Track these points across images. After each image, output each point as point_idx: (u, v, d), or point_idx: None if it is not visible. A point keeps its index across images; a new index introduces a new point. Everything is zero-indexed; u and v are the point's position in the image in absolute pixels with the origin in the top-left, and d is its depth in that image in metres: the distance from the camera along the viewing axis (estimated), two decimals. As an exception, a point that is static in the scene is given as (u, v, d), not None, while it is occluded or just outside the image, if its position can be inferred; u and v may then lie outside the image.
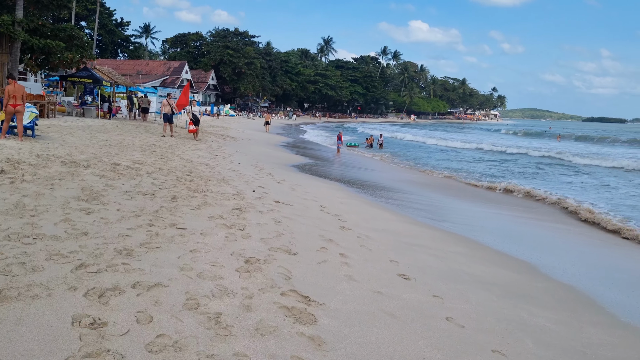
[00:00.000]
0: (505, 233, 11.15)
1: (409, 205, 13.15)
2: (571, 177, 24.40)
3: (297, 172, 18.00)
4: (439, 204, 14.39)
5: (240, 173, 13.58)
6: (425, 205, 13.79)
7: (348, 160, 27.13)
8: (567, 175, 25.08)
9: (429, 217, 11.73)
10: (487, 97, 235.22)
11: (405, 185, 18.12)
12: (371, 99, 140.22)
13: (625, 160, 32.79)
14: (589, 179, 23.78)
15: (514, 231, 11.60)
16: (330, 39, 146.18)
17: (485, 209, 14.16)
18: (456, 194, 17.15)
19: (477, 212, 13.65)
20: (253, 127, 51.06)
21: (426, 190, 17.30)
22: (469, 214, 13.18)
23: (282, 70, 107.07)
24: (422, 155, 34.22)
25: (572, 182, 22.47)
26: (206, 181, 10.60)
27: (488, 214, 13.57)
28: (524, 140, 67.85)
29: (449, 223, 11.29)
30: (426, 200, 14.67)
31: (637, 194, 18.74)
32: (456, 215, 12.68)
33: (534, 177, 24.00)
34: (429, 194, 16.37)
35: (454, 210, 13.72)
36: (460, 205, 14.59)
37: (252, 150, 24.81)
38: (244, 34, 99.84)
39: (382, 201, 13.40)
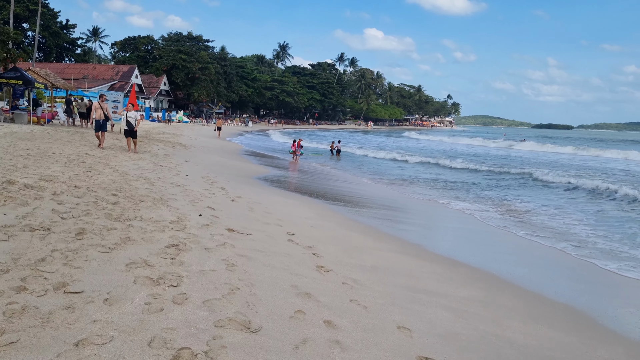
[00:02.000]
0: (519, 257, 9.12)
1: (390, 223, 11.01)
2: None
3: (255, 185, 15.63)
4: (419, 219, 12.31)
5: (186, 189, 11.12)
6: (406, 220, 11.69)
7: (309, 169, 24.90)
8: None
9: (417, 237, 9.60)
10: (442, 104, 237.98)
11: (379, 197, 16.01)
12: (328, 106, 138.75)
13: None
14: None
15: (526, 253, 9.59)
16: (286, 44, 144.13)
17: (476, 221, 12.17)
18: (433, 206, 15.16)
19: (466, 224, 11.63)
20: (207, 134, 48.18)
21: (403, 201, 15.25)
22: (458, 228, 11.14)
23: (238, 75, 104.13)
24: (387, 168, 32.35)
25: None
26: (137, 203, 8.13)
27: (482, 227, 11.58)
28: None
29: (441, 243, 9.18)
30: (405, 215, 12.58)
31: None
32: (445, 232, 10.62)
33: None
34: (407, 205, 14.31)
35: (437, 223, 11.68)
36: (441, 216, 12.57)
37: (205, 159, 22.23)
38: (198, 38, 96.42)
39: (358, 219, 11.20)
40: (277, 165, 24.37)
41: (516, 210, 14.84)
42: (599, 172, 29.60)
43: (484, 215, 13.53)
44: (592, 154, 51.97)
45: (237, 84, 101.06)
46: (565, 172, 27.55)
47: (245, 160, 25.21)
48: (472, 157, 40.12)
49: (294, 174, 21.67)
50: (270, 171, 21.21)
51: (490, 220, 12.84)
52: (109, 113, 18.07)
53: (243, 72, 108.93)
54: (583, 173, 27.46)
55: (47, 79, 33.88)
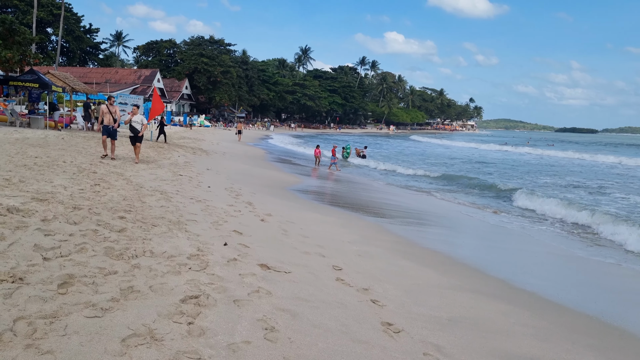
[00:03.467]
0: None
1: (446, 245, 9.35)
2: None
3: (284, 198, 14.08)
4: (478, 238, 10.63)
5: (208, 205, 9.62)
6: (462, 239, 10.02)
7: (338, 176, 23.30)
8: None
9: (483, 263, 7.94)
10: (465, 107, 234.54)
11: (426, 211, 14.33)
12: (350, 110, 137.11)
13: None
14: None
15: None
16: (308, 48, 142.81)
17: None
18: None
19: (541, 246, 9.91)
20: (229, 138, 46.91)
21: (451, 215, 13.55)
22: (532, 251, 9.43)
23: (260, 79, 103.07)
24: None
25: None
26: (148, 229, 6.63)
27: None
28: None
29: (519, 274, 7.50)
30: (459, 233, 10.90)
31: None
32: (517, 256, 8.93)
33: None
34: (459, 221, 12.61)
35: (501, 244, 9.97)
36: (506, 234, 10.86)
37: (227, 167, 20.79)
38: (220, 41, 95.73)
39: (407, 239, 9.56)
40: (303, 173, 22.84)
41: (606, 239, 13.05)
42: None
43: (567, 238, 11.79)
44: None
45: (258, 87, 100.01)
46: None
47: (270, 167, 23.73)
48: (518, 166, 38.10)
49: (323, 183, 20.09)
50: (297, 180, 19.67)
51: (575, 244, 11.10)
52: (118, 117, 16.03)
53: (264, 75, 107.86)
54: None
55: (66, 82, 32.88)
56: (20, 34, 22.26)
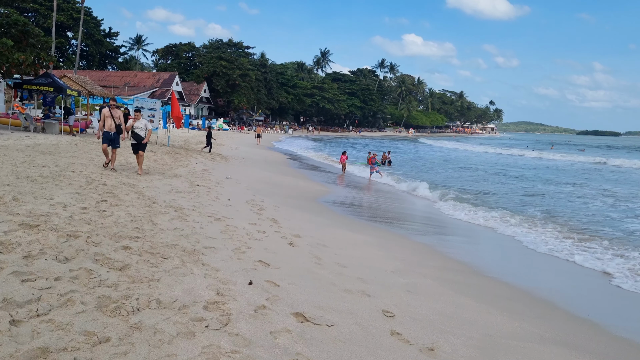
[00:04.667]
0: None
1: (507, 275, 8.04)
2: None
3: (310, 212, 12.85)
4: (543, 273, 9.29)
5: (228, 225, 8.44)
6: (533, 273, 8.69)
7: (366, 185, 22.02)
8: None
9: (552, 296, 6.63)
10: (485, 110, 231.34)
11: (467, 229, 12.97)
12: (369, 113, 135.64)
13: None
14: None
15: None
16: (327, 51, 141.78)
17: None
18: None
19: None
20: (248, 142, 45.89)
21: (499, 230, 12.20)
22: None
23: (278, 82, 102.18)
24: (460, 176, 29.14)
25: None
26: (157, 263, 5.45)
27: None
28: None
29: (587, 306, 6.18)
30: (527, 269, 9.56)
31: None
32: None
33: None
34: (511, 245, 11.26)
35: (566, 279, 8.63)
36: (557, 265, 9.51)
37: (248, 174, 19.66)
38: (239, 44, 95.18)
39: (456, 262, 8.28)
40: (328, 181, 21.60)
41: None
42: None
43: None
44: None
45: (277, 90, 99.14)
46: None
47: (292, 174, 22.54)
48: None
49: (351, 193, 18.82)
50: (322, 189, 18.44)
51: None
52: (122, 122, 14.31)
53: (283, 78, 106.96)
54: None
55: (83, 86, 32.11)
56: (34, 36, 21.40)
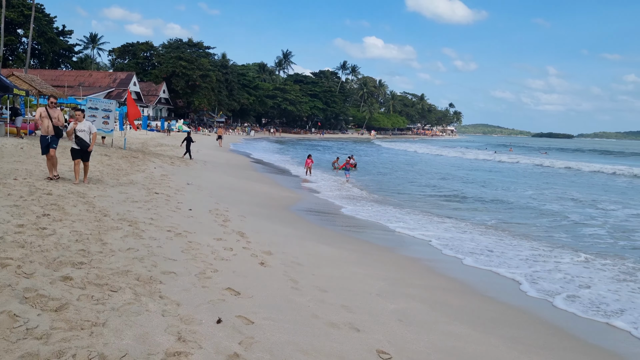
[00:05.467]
0: None
1: (504, 288, 7.35)
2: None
3: (280, 222, 11.95)
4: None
5: (191, 242, 7.48)
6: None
7: (335, 189, 21.21)
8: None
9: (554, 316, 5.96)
10: (444, 112, 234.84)
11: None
12: (331, 114, 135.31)
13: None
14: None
15: None
16: (289, 52, 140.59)
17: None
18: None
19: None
20: (209, 144, 44.48)
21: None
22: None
23: (240, 83, 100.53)
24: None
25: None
26: (105, 297, 4.46)
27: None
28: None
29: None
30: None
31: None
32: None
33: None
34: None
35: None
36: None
37: (211, 179, 18.58)
38: (199, 45, 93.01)
39: (448, 283, 7.54)
40: (294, 186, 20.70)
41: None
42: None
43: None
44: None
45: (238, 92, 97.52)
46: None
47: (256, 179, 21.54)
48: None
49: (318, 198, 17.97)
50: (289, 195, 17.54)
51: None
52: (61, 123, 12.02)
53: (245, 80, 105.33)
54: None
55: (33, 85, 30.34)
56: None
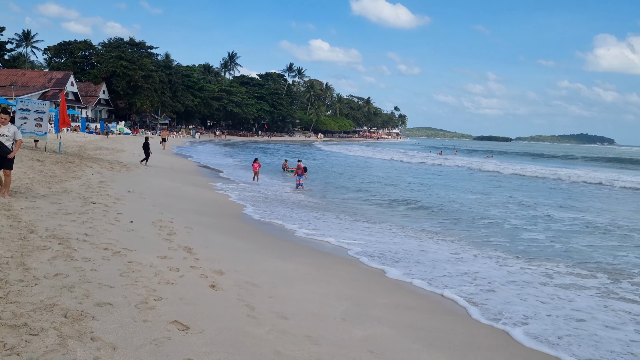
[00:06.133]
0: None
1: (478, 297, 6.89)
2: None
3: (228, 232, 11.18)
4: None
5: (131, 261, 6.64)
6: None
7: (283, 195, 20.50)
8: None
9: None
10: (390, 116, 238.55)
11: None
12: (278, 117, 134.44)
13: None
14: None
15: None
16: (234, 54, 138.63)
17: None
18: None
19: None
20: (153, 148, 42.69)
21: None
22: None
23: (184, 85, 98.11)
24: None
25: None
26: (22, 343, 3.65)
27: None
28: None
29: None
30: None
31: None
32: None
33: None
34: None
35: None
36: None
37: (154, 185, 17.50)
38: (141, 44, 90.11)
39: (413, 300, 7.02)
40: (242, 191, 19.86)
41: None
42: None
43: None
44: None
45: (183, 93, 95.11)
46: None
47: (203, 185, 20.55)
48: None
49: (269, 205, 17.22)
50: (237, 201, 16.72)
51: None
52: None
53: (189, 81, 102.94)
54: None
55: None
56: None
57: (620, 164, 69.49)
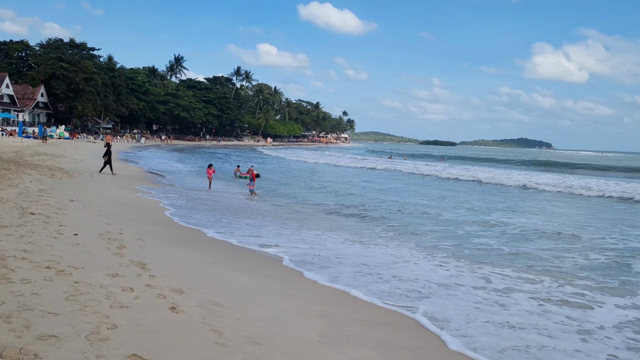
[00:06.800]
0: None
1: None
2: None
3: (185, 243, 10.46)
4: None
5: (77, 282, 5.90)
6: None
7: (235, 200, 19.79)
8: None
9: None
10: (339, 120, 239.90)
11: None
12: (226, 121, 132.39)
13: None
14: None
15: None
16: (181, 57, 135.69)
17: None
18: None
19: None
20: (96, 153, 40.89)
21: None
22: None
23: (128, 88, 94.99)
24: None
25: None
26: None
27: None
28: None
29: None
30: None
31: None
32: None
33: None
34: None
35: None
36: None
37: (99, 194, 16.44)
38: (82, 45, 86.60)
39: (386, 317, 6.59)
40: (195, 198, 19.01)
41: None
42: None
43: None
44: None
45: (127, 97, 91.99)
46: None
47: (153, 192, 19.55)
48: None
49: (226, 213, 16.49)
50: (192, 210, 15.92)
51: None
52: None
53: (134, 84, 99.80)
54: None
55: None
56: None
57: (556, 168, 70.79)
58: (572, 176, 45.43)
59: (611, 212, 22.03)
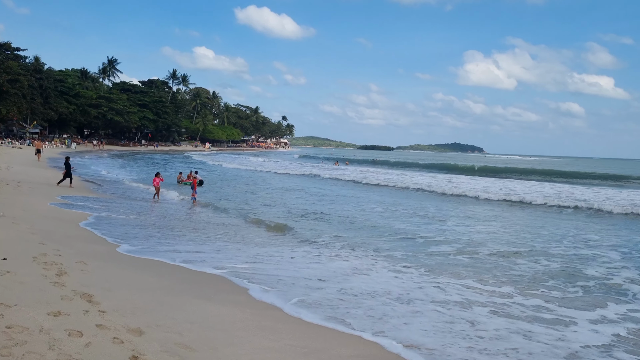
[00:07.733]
0: None
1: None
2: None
3: (136, 266, 9.33)
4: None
5: (10, 327, 4.77)
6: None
7: (189, 212, 18.52)
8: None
9: None
10: (278, 125, 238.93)
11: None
12: (162, 126, 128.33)
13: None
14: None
15: None
16: (114, 59, 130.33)
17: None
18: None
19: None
20: (24, 160, 38.03)
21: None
22: None
23: (57, 90, 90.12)
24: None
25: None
26: None
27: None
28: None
29: None
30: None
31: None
32: None
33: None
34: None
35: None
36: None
37: (30, 207, 14.83)
38: (5, 45, 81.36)
39: (375, 351, 5.83)
40: (142, 211, 17.61)
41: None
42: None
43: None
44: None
45: (56, 99, 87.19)
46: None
47: (92, 203, 17.95)
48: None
49: (181, 229, 15.26)
50: (140, 225, 14.61)
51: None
52: None
53: (63, 87, 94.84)
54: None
55: None
56: None
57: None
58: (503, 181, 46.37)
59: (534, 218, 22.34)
